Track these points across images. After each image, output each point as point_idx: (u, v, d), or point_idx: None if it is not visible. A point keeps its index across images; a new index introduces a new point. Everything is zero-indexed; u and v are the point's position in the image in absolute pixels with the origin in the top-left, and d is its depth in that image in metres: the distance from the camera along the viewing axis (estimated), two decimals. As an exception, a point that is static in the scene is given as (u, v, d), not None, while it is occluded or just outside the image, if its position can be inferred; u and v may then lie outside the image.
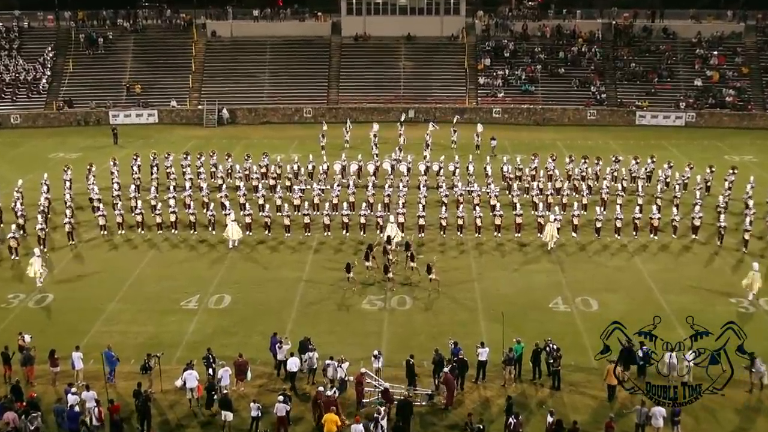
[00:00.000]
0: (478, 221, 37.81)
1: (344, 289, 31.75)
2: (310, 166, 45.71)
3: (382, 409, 22.15)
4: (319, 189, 41.66)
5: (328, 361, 24.79)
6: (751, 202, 38.75)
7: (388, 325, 29.08)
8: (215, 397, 23.52)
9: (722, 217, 37.11)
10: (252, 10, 69.55)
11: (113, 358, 25.20)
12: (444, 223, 37.81)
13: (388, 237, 34.90)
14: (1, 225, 38.87)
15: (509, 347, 25.05)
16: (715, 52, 65.14)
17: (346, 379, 24.34)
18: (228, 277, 33.34)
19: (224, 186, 42.98)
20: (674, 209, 38.90)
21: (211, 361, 24.82)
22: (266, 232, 37.98)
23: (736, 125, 61.05)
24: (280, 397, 22.89)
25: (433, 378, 24.72)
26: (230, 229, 36.23)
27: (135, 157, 46.38)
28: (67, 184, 42.35)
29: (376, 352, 25.08)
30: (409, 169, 45.25)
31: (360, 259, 32.81)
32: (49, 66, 64.99)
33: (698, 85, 63.27)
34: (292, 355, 25.06)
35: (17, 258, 34.88)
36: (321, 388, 23.38)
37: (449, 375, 23.97)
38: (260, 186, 42.04)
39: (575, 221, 37.78)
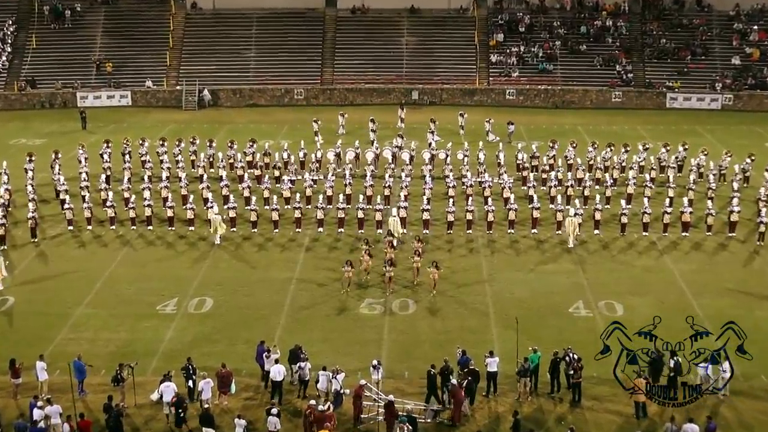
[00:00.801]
0: (490, 216, 37.79)
1: (341, 292, 31.77)
2: (301, 154, 45.69)
3: (406, 427, 22.00)
4: (312, 179, 41.63)
5: (321, 372, 24.78)
6: (795, 195, 38.81)
7: (388, 331, 29.10)
8: (183, 415, 23.25)
9: (763, 211, 37.10)
10: (237, -21, 69.40)
11: (83, 368, 25.14)
12: (451, 218, 37.77)
13: (389, 232, 34.88)
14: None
15: (524, 357, 25.04)
16: (755, 27, 64.95)
17: (342, 392, 24.33)
18: (210, 277, 33.35)
19: (205, 176, 42.98)
20: (709, 202, 38.91)
21: (191, 372, 24.79)
22: (252, 227, 37.97)
23: (779, 109, 61.12)
24: (274, 410, 22.93)
25: (441, 391, 24.69)
26: (214, 225, 36.20)
27: (106, 144, 46.36)
28: (30, 174, 42.30)
29: (375, 362, 25.08)
30: (412, 158, 45.28)
31: (361, 256, 32.82)
32: (9, 42, 64.81)
33: (736, 63, 63.14)
34: (276, 362, 25.05)
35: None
36: (313, 402, 23.35)
37: (457, 387, 23.96)
38: (246, 176, 42.03)
39: (598, 216, 37.77)
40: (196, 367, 24.96)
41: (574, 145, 46.37)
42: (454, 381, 24.10)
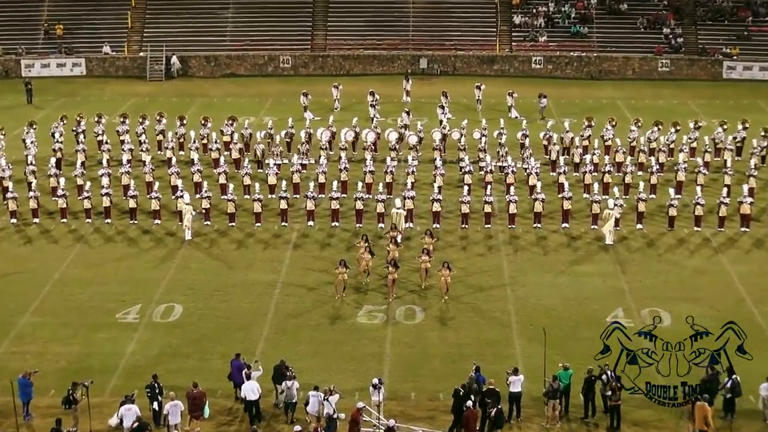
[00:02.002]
0: (513, 207, 37.75)
1: (335, 297, 31.78)
2: (286, 134, 45.70)
3: None
4: (300, 164, 41.64)
5: (312, 393, 24.79)
6: None
7: (391, 344, 29.10)
8: None
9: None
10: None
11: (29, 387, 25.16)
12: (466, 210, 37.76)
13: (393, 226, 34.88)
14: None
15: (553, 375, 25.04)
16: (829, -18, 64.88)
17: (336, 416, 24.36)
18: (179, 280, 33.38)
19: (174, 160, 42.97)
20: (773, 192, 38.96)
21: (157, 391, 24.80)
22: (230, 221, 37.98)
23: None
24: (258, 434, 23.00)
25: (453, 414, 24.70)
26: (184, 215, 36.26)
27: (58, 122, 46.33)
28: (-35, 156, 42.50)
29: (375, 381, 25.09)
30: (419, 139, 45.27)
31: (361, 254, 32.82)
32: (-59, -1, 64.91)
33: (806, 25, 63.08)
34: (248, 377, 25.06)
35: None
36: (298, 428, 23.29)
37: (473, 412, 23.97)
38: (222, 160, 42.03)
39: (641, 207, 37.75)
40: (162, 386, 24.97)
41: (613, 123, 46.35)
42: (469, 403, 24.08)
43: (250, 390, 24.86)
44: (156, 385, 24.83)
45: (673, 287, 32.78)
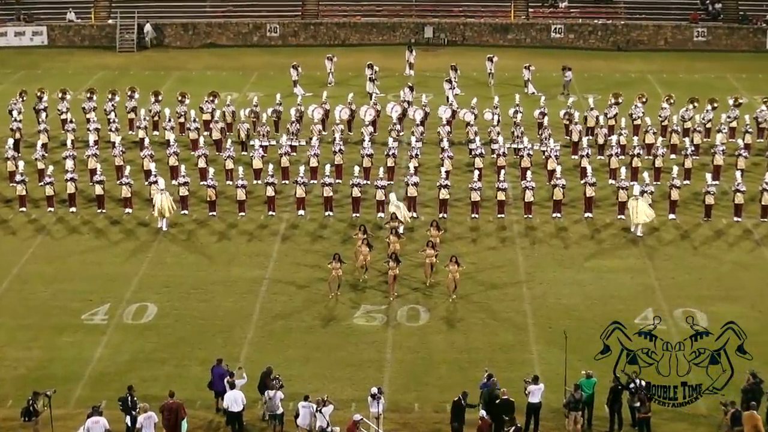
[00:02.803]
0: (529, 194, 37.74)
1: (329, 296, 31.76)
2: (273, 112, 45.65)
3: None
4: (289, 145, 41.63)
5: (302, 404, 24.77)
6: None
7: (392, 349, 29.10)
8: None
9: None
10: None
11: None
12: (477, 198, 37.73)
13: (393, 216, 34.86)
14: None
15: (575, 384, 25.04)
16: None
17: (330, 430, 24.36)
18: (153, 276, 33.38)
19: (147, 141, 42.90)
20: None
21: (130, 403, 24.78)
22: (210, 209, 37.98)
23: None
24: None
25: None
26: (160, 205, 36.22)
27: (18, 98, 46.22)
28: None
29: (374, 391, 25.06)
30: (425, 117, 45.23)
31: (358, 247, 32.81)
32: None
33: None
34: (232, 386, 25.04)
35: None
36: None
37: (486, 421, 24.01)
38: (201, 141, 41.97)
39: (674, 195, 37.73)
40: (137, 400, 24.88)
41: (643, 100, 46.32)
42: (483, 412, 24.11)
43: (234, 400, 24.81)
44: (129, 396, 24.79)
45: (709, 285, 32.76)
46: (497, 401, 24.57)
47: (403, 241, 34.34)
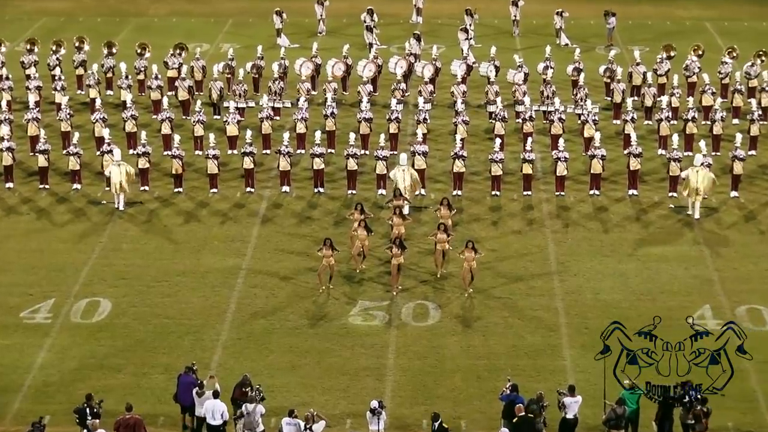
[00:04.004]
0: (561, 167, 37.62)
1: (319, 290, 31.68)
2: (252, 67, 45.51)
3: None
4: (271, 107, 41.52)
5: (287, 420, 24.72)
6: None
7: (396, 354, 29.04)
8: None
9: None
10: None
11: None
12: (498, 171, 37.62)
13: (397, 192, 34.73)
14: None
15: (619, 398, 24.95)
16: None
17: (321, 451, 24.35)
18: (107, 266, 33.35)
19: (100, 102, 42.76)
20: None
21: (90, 415, 24.55)
22: (176, 185, 37.92)
23: None
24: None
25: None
26: (115, 179, 36.13)
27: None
28: None
29: (374, 405, 25.01)
30: (435, 73, 45.03)
31: (354, 231, 32.64)
32: None
33: None
34: (216, 395, 24.92)
35: None
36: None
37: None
38: (165, 102, 41.80)
39: (738, 168, 37.62)
40: (99, 410, 24.68)
41: (700, 53, 46.15)
42: (504, 431, 24.12)
43: (212, 411, 24.73)
44: (89, 408, 24.63)
45: (780, 277, 32.84)
46: (514, 419, 24.45)
47: (409, 224, 34.19)
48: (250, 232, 35.28)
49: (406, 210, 34.69)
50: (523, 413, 24.52)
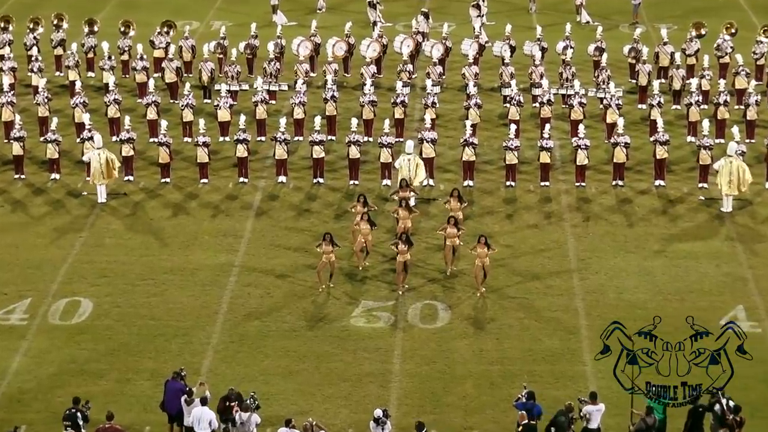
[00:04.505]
0: (581, 156, 37.58)
1: (319, 289, 31.69)
2: (246, 47, 45.50)
3: None
4: (266, 90, 41.50)
5: (284, 430, 24.72)
6: None
7: (402, 359, 29.04)
8: None
9: None
10: None
11: None
12: (513, 160, 37.59)
13: (404, 183, 34.69)
14: None
15: (648, 406, 24.88)
16: None
17: (320, 464, 24.35)
18: (88, 263, 33.38)
19: (80, 84, 42.73)
20: None
21: (81, 420, 24.53)
22: (163, 174, 37.94)
23: None
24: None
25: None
26: (96, 169, 36.12)
27: None
28: None
29: (379, 413, 24.99)
30: (445, 53, 45.01)
31: (356, 225, 32.61)
32: None
33: None
34: (204, 402, 24.81)
35: None
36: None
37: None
38: (151, 85, 41.76)
39: (775, 156, 37.69)
40: (89, 414, 24.72)
41: (733, 31, 46.07)
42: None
43: (199, 419, 24.67)
44: (80, 413, 24.66)
45: (820, 276, 32.80)
46: (519, 428, 24.51)
47: (416, 217, 34.21)
48: (244, 226, 35.29)
49: (412, 202, 34.63)
50: (526, 421, 24.54)
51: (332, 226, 33.93)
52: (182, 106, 40.49)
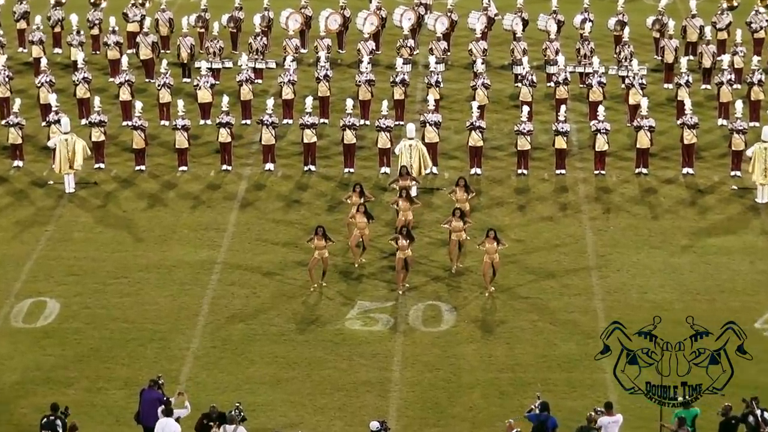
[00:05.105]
0: (601, 140, 37.59)
1: (310, 288, 31.71)
2: (230, 20, 45.49)
3: None
4: (251, 69, 41.55)
5: (271, 445, 24.87)
6: None
7: (402, 365, 29.04)
8: None
9: None
10: None
11: None
12: (526, 145, 37.62)
13: (404, 170, 34.67)
14: None
15: (679, 417, 24.84)
16: None
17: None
18: (54, 260, 33.39)
19: (45, 62, 42.57)
20: None
21: (61, 429, 24.52)
22: (137, 161, 37.95)
23: None
24: None
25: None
26: (63, 155, 36.10)
27: None
28: None
29: (376, 426, 24.99)
30: (450, 27, 45.02)
31: (351, 218, 32.60)
32: None
33: None
34: (169, 414, 24.79)
35: None
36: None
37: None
38: (125, 62, 41.69)
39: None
40: (67, 421, 24.66)
41: (767, 3, 45.84)
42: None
43: (162, 430, 24.66)
44: (60, 421, 24.64)
45: None
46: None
47: (418, 209, 34.20)
48: (227, 218, 35.33)
49: (414, 192, 34.68)
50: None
51: (325, 219, 33.95)
52: (159, 85, 40.47)
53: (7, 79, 40.63)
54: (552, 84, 40.93)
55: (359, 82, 40.36)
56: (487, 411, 27.06)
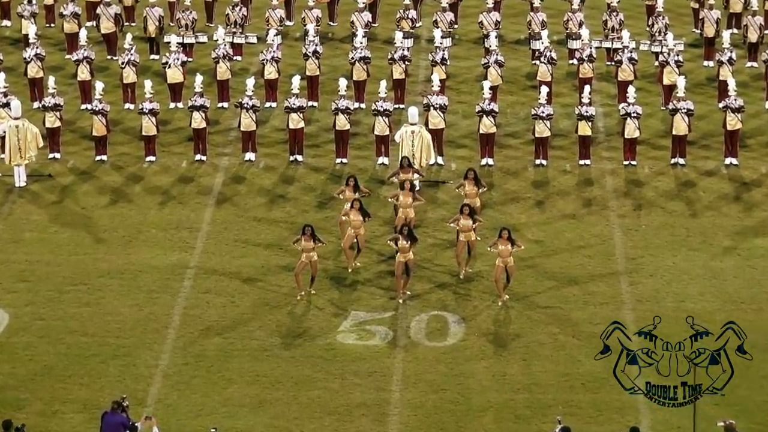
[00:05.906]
0: (631, 126, 37.68)
1: (296, 297, 31.82)
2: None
3: None
4: (229, 44, 41.66)
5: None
6: None
7: (402, 385, 29.08)
8: None
9: None
10: None
11: None
12: (545, 131, 37.69)
13: (406, 159, 34.68)
14: None
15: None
16: None
17: None
18: (2, 263, 33.53)
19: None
20: None
21: None
22: (98, 151, 38.08)
23: None
24: None
25: None
26: (12, 144, 36.20)
27: None
28: None
29: (372, 455, 25.20)
30: (455, 5, 45.06)
31: (345, 215, 32.68)
32: None
33: None
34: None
35: None
36: None
37: None
38: (83, 37, 41.70)
39: None
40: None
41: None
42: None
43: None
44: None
45: None
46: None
47: (421, 206, 34.27)
48: (201, 216, 35.45)
49: (417, 186, 34.69)
50: None
51: (314, 217, 34.07)
52: (122, 63, 40.62)
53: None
54: (575, 61, 41.10)
55: (353, 59, 40.44)
56: (500, 438, 27.12)
